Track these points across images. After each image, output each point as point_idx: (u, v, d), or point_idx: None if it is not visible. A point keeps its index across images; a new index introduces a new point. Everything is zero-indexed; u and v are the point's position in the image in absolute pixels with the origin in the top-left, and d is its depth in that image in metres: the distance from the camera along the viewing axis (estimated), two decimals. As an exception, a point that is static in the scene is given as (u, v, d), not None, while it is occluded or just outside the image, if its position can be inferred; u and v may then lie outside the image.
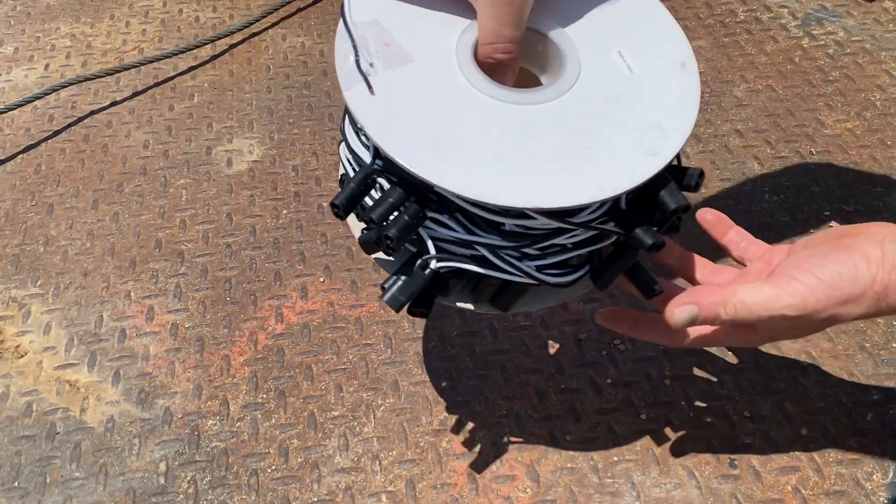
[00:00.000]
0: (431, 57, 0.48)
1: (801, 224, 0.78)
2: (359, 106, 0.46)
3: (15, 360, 0.71)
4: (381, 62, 0.48)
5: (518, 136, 0.46)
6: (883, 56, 0.97)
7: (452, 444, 0.63)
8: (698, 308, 0.47)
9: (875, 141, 0.87)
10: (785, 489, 0.59)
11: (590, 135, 0.47)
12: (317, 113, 0.96)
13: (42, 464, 0.63)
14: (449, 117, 0.46)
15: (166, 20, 1.11)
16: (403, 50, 0.48)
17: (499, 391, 0.66)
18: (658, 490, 0.60)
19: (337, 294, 0.75)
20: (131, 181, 0.88)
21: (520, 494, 0.60)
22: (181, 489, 0.61)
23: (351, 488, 0.61)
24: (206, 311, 0.74)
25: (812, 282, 0.45)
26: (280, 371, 0.69)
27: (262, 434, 0.65)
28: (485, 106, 0.47)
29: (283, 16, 1.11)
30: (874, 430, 0.62)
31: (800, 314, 0.45)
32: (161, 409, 0.67)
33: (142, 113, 0.97)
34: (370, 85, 0.47)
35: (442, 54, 0.49)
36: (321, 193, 0.85)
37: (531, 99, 0.48)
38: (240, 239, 0.81)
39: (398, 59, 0.48)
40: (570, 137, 0.46)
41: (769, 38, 1.02)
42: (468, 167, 0.44)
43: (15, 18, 1.13)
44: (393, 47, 0.48)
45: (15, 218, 0.84)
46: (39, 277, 0.78)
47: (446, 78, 0.48)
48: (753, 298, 0.46)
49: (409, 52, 0.48)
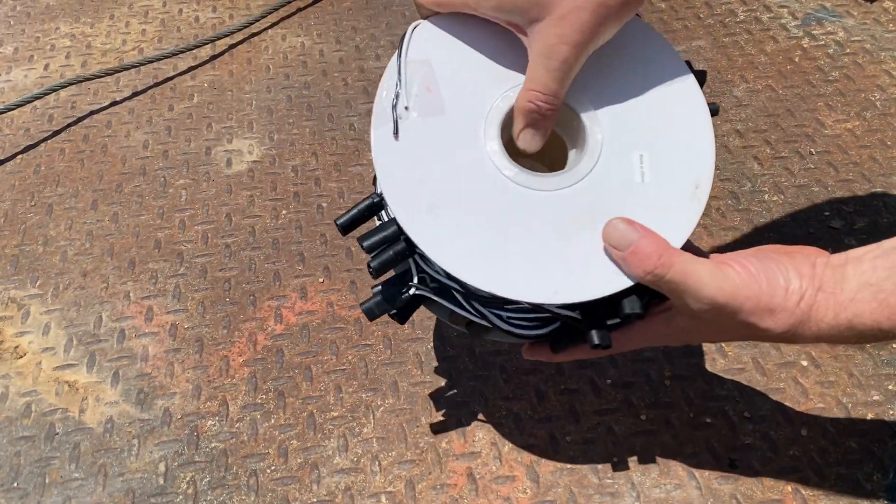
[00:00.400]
0: (464, 113, 0.50)
1: (801, 224, 0.78)
2: (379, 147, 0.49)
3: (14, 361, 0.71)
4: (417, 107, 0.49)
5: (510, 220, 0.48)
6: (883, 56, 0.97)
7: (452, 444, 0.63)
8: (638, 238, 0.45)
9: (875, 141, 0.86)
10: (785, 489, 0.59)
11: (576, 237, 0.48)
12: (316, 113, 0.96)
13: (41, 464, 0.63)
14: (453, 183, 0.48)
15: (166, 20, 1.11)
16: (441, 99, 0.50)
17: (499, 392, 0.66)
18: (658, 490, 0.59)
19: (336, 294, 0.75)
20: (131, 181, 0.88)
21: (519, 495, 0.60)
22: (180, 490, 0.61)
23: (350, 489, 0.61)
24: (205, 312, 0.74)
25: (748, 276, 0.45)
26: (279, 372, 0.69)
27: (261, 435, 0.65)
28: (490, 179, 0.48)
29: (283, 16, 1.11)
30: (874, 430, 0.62)
31: (727, 303, 0.44)
32: (160, 409, 0.67)
33: (141, 113, 0.97)
34: (397, 130, 0.49)
35: (475, 113, 0.50)
36: (321, 194, 0.85)
37: (537, 184, 0.49)
38: (239, 239, 0.81)
39: (432, 108, 0.50)
40: (557, 233, 0.48)
41: (769, 38, 1.02)
42: (453, 239, 0.47)
43: (15, 18, 1.13)
44: (433, 93, 0.50)
45: (14, 218, 0.84)
46: (39, 278, 0.78)
47: (467, 141, 0.49)
48: (692, 268, 0.45)
49: (444, 103, 0.50)
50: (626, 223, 0.47)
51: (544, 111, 0.48)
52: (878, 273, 0.43)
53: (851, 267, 0.44)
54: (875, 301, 0.42)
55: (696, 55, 0.99)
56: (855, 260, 0.44)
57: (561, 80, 0.47)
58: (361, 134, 0.92)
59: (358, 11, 1.11)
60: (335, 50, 1.05)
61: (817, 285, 0.44)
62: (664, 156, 0.49)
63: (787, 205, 0.80)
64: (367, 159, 0.89)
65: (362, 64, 1.02)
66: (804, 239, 0.76)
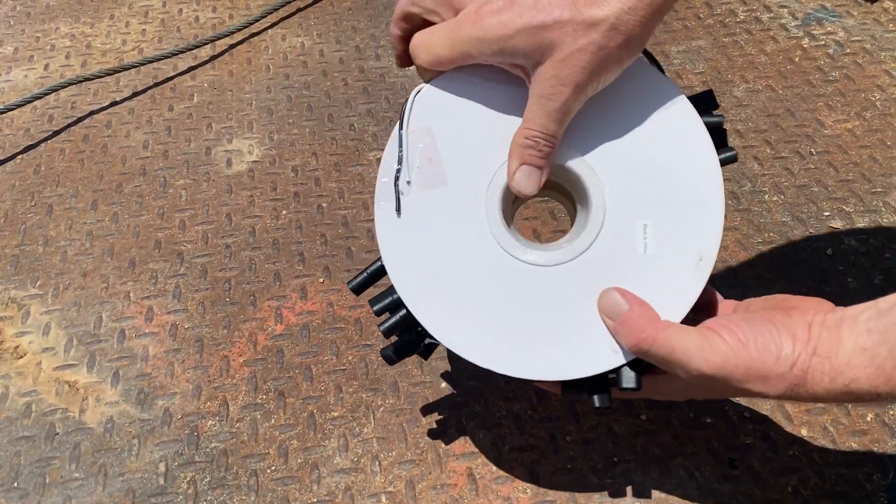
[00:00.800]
0: (467, 184, 0.49)
1: (801, 224, 0.78)
2: (382, 223, 0.50)
3: (14, 361, 0.71)
4: (418, 181, 0.49)
5: (510, 296, 0.48)
6: (883, 56, 0.97)
7: (452, 444, 0.63)
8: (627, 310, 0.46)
9: (875, 141, 0.86)
10: (785, 490, 0.59)
11: (576, 310, 0.48)
12: (316, 113, 0.96)
13: (41, 464, 0.63)
14: (453, 257, 0.49)
15: (166, 20, 1.11)
16: (443, 169, 0.49)
17: (499, 392, 0.66)
18: (658, 490, 0.59)
19: (336, 295, 0.75)
20: (131, 181, 0.88)
21: (519, 495, 0.60)
22: (181, 490, 0.61)
23: (350, 489, 0.61)
24: (205, 312, 0.74)
25: (737, 346, 0.44)
26: (279, 372, 0.69)
27: (261, 435, 0.65)
28: (490, 254, 0.49)
29: (283, 16, 1.11)
30: (874, 431, 0.62)
31: (715, 374, 0.44)
32: (160, 409, 0.67)
33: (141, 113, 0.97)
34: (399, 207, 0.49)
35: (478, 183, 0.49)
36: (321, 194, 0.85)
37: (537, 259, 0.49)
38: (239, 239, 0.81)
39: (434, 180, 0.50)
40: (557, 307, 0.48)
41: (769, 38, 1.02)
42: (452, 314, 0.48)
43: (15, 18, 1.13)
44: (434, 164, 0.50)
45: (14, 218, 0.84)
46: (39, 278, 0.78)
47: (468, 214, 0.49)
48: (678, 341, 0.45)
49: (446, 174, 0.49)
50: (619, 293, 0.47)
51: (541, 147, 0.47)
52: (872, 337, 0.42)
53: (847, 329, 0.43)
54: (871, 367, 0.42)
55: (696, 55, 0.99)
56: (851, 320, 0.43)
57: (559, 121, 0.46)
58: (361, 134, 0.93)
59: (358, 11, 1.11)
60: (335, 50, 1.05)
61: (811, 350, 0.43)
62: (669, 224, 0.48)
63: (787, 205, 0.80)
64: (366, 159, 0.89)
65: (362, 64, 1.02)
66: (804, 239, 0.77)
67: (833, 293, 0.72)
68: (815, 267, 0.74)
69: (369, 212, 0.83)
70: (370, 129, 0.93)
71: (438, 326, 0.49)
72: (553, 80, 0.45)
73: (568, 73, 0.44)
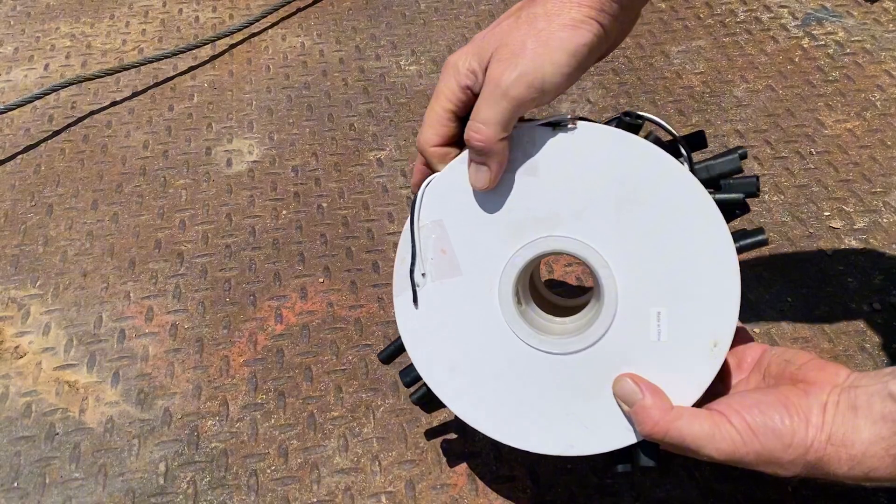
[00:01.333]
0: (480, 273, 0.50)
1: (801, 224, 0.78)
2: (402, 314, 0.52)
3: (14, 361, 0.71)
4: (433, 273, 0.51)
5: (525, 381, 0.50)
6: (883, 56, 0.97)
7: (452, 444, 0.63)
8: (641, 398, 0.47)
9: (875, 141, 0.86)
10: (785, 489, 0.59)
11: (592, 395, 0.49)
12: (316, 113, 0.96)
13: (41, 464, 0.63)
14: (470, 344, 0.50)
15: (166, 20, 1.11)
16: (456, 260, 0.50)
17: (498, 392, 0.66)
18: (658, 490, 0.59)
19: (336, 295, 0.75)
20: (131, 181, 0.88)
21: (520, 495, 0.60)
22: (181, 490, 0.61)
23: (350, 489, 0.61)
24: (205, 312, 0.74)
25: (746, 433, 0.44)
26: (279, 372, 0.69)
27: (261, 435, 0.65)
28: (505, 341, 0.50)
29: (283, 16, 1.11)
30: (874, 431, 0.62)
31: (727, 461, 0.44)
32: (160, 409, 0.67)
33: (141, 113, 0.97)
34: (416, 298, 0.51)
35: (490, 271, 0.50)
36: (321, 194, 0.85)
37: (551, 347, 0.49)
38: (239, 239, 0.81)
39: (449, 271, 0.51)
40: (573, 392, 0.49)
41: (769, 38, 1.02)
42: (471, 396, 0.51)
43: (15, 18, 1.13)
44: (448, 255, 0.50)
45: (14, 218, 0.84)
46: (39, 278, 0.78)
47: (483, 302, 0.50)
48: (689, 431, 0.45)
49: (460, 264, 0.50)
50: (632, 381, 0.47)
51: (478, 148, 0.46)
52: (888, 426, 0.42)
53: (862, 416, 0.43)
54: (888, 457, 0.41)
55: (696, 55, 0.99)
56: (865, 406, 0.43)
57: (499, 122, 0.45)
58: (361, 134, 0.93)
59: (358, 11, 1.11)
60: (335, 50, 1.05)
61: (826, 436, 0.43)
62: (684, 311, 0.47)
63: (787, 205, 0.80)
64: (366, 159, 0.89)
65: (362, 64, 1.02)
66: (804, 239, 0.77)
67: (833, 293, 0.72)
68: (815, 267, 0.74)
69: (369, 212, 0.83)
70: (370, 129, 0.93)
71: (460, 406, 0.51)
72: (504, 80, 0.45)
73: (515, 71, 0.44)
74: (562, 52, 0.44)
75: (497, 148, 0.46)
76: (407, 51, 1.03)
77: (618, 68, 0.99)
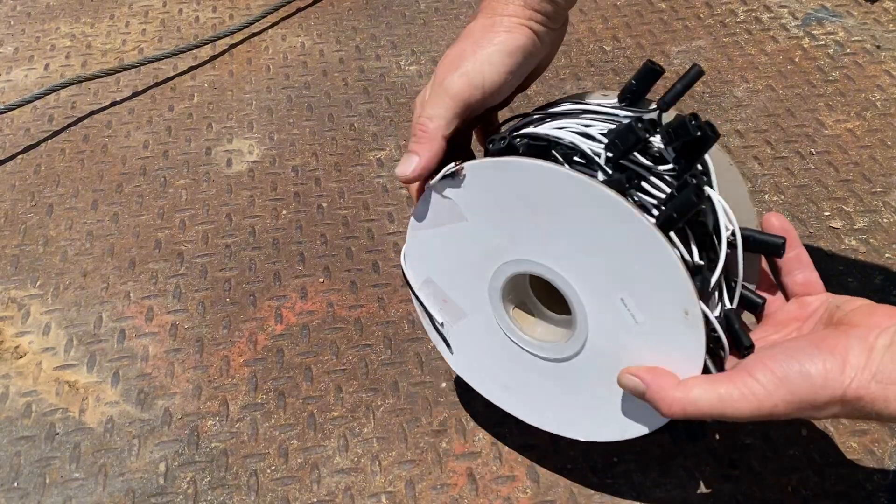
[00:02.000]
0: (477, 309, 0.56)
1: (801, 224, 0.78)
2: (447, 357, 0.60)
3: (14, 361, 0.71)
4: (447, 319, 0.58)
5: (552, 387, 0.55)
6: (883, 56, 0.97)
7: (452, 444, 0.63)
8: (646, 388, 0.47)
9: (875, 141, 0.86)
10: (785, 490, 0.59)
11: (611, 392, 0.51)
12: (317, 113, 0.96)
13: (41, 464, 0.63)
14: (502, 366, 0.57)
15: (166, 20, 1.11)
16: (457, 306, 0.57)
17: (498, 391, 0.66)
18: (658, 490, 0.59)
19: (336, 295, 0.75)
20: (131, 181, 0.88)
21: (520, 495, 0.60)
22: (181, 490, 0.61)
23: (350, 489, 0.61)
24: (205, 312, 0.74)
25: (771, 383, 0.43)
26: (280, 372, 0.69)
27: (261, 435, 0.65)
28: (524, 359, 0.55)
29: (283, 16, 1.11)
30: (874, 431, 0.62)
31: (756, 416, 0.43)
32: (160, 409, 0.67)
33: (141, 113, 0.97)
34: (449, 346, 0.59)
35: (482, 307, 0.56)
36: (321, 194, 0.85)
37: (554, 353, 0.54)
38: (239, 239, 0.81)
39: (456, 315, 0.57)
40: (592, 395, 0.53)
41: (769, 38, 1.02)
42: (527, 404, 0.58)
43: (15, 18, 1.13)
44: (449, 304, 0.57)
45: (14, 218, 0.84)
46: (39, 278, 0.78)
47: (494, 331, 0.56)
48: (706, 399, 0.44)
49: (461, 307, 0.57)
50: (632, 374, 0.48)
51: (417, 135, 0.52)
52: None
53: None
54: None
55: (696, 55, 0.99)
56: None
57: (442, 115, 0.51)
58: (361, 134, 0.93)
59: (358, 11, 1.11)
60: (335, 50, 1.05)
61: (870, 374, 0.42)
62: (640, 290, 0.48)
63: (787, 205, 0.80)
64: (366, 159, 0.89)
65: (362, 64, 1.02)
66: (804, 239, 0.76)
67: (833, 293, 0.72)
68: (816, 267, 0.74)
69: (369, 212, 0.83)
70: (370, 129, 0.93)
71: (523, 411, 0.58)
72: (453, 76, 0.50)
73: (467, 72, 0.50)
74: (499, 53, 0.50)
75: (435, 142, 0.51)
76: (407, 51, 1.03)
77: (618, 68, 0.99)
